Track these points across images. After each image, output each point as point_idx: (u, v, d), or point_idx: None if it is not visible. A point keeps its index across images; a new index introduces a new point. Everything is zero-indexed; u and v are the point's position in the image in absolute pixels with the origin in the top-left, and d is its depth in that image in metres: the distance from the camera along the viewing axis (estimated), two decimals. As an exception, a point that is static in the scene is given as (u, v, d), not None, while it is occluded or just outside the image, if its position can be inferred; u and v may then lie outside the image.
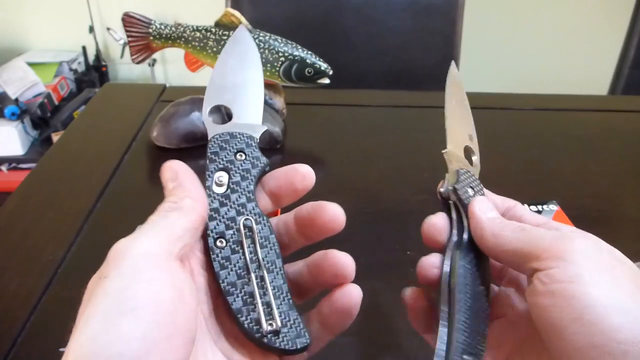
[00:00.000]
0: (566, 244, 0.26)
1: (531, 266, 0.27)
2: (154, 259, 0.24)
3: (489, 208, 0.32)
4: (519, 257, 0.28)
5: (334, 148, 0.73)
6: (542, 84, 1.95)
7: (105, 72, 2.08)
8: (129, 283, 0.23)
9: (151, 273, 0.23)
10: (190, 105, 0.71)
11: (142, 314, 0.22)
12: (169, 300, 0.23)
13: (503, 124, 0.80)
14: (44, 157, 0.71)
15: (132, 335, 0.21)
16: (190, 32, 0.68)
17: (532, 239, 0.28)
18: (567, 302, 0.24)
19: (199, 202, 0.28)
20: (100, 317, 0.22)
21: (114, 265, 0.24)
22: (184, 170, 0.30)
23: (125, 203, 0.61)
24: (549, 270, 0.26)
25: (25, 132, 1.80)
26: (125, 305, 0.22)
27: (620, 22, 1.30)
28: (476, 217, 0.31)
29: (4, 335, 0.44)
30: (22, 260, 0.52)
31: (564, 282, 0.25)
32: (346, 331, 0.27)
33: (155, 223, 0.26)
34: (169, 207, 0.27)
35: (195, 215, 0.27)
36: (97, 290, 0.23)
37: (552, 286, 0.25)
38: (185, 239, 0.26)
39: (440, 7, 1.16)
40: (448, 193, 0.32)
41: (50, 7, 2.01)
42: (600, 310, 0.23)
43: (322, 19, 1.17)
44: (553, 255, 0.26)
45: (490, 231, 0.30)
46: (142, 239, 0.25)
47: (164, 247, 0.25)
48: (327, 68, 0.67)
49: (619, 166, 0.70)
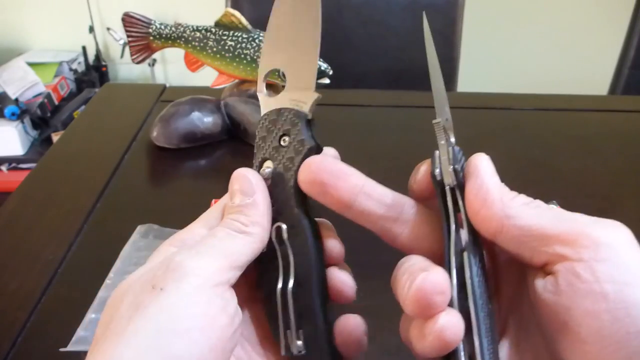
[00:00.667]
0: (610, 231, 0.21)
1: (558, 252, 0.21)
2: (213, 283, 0.23)
3: (494, 172, 0.25)
4: (536, 238, 0.22)
5: (334, 148, 0.73)
6: (542, 84, 1.95)
7: (105, 72, 2.08)
8: (186, 303, 0.22)
9: (209, 296, 0.23)
10: (190, 105, 0.71)
11: (196, 336, 0.21)
12: (222, 326, 0.22)
13: (503, 124, 0.80)
14: (44, 157, 0.71)
15: (181, 359, 0.21)
16: (190, 32, 0.68)
17: (559, 217, 0.22)
18: (627, 311, 0.19)
19: (266, 231, 0.26)
20: (152, 333, 0.21)
21: (171, 279, 0.22)
22: (261, 187, 0.27)
23: (125, 203, 0.61)
24: (593, 264, 0.20)
25: (25, 132, 1.80)
26: (180, 324, 0.21)
27: (620, 22, 1.30)
28: (480, 176, 0.24)
29: (4, 335, 0.44)
30: (22, 260, 0.52)
31: (618, 283, 0.19)
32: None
33: (221, 242, 0.25)
34: (239, 227, 0.25)
35: (260, 245, 0.26)
36: (149, 302, 0.22)
37: (603, 286, 0.19)
38: (244, 268, 0.25)
39: (440, 7, 1.16)
40: (442, 176, 0.25)
41: (50, 7, 2.01)
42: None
43: (322, 19, 1.16)
44: (596, 243, 0.20)
45: (498, 196, 0.23)
46: (205, 258, 0.24)
47: (224, 272, 0.24)
48: (327, 68, 0.67)
49: (619, 166, 0.70)
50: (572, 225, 0.21)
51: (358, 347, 0.26)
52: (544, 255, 0.22)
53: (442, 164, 0.25)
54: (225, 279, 0.24)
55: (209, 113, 0.71)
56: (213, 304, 0.23)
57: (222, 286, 0.24)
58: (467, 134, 0.77)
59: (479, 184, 0.24)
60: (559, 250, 0.21)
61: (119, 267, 0.49)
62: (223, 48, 0.67)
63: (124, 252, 0.51)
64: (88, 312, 0.45)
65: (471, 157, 0.25)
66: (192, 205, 0.59)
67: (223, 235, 0.25)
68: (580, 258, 0.20)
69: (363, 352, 0.27)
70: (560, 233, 0.21)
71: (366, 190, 0.26)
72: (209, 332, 0.22)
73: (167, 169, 0.68)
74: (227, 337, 0.23)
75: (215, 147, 0.71)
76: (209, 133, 0.70)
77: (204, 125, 0.70)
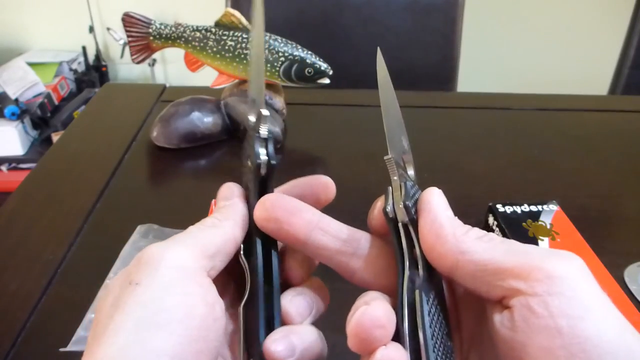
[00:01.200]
0: (562, 264, 0.21)
1: (512, 286, 0.21)
2: (189, 272, 0.23)
3: (447, 206, 0.25)
4: (491, 272, 0.22)
5: (334, 148, 0.73)
6: (542, 84, 1.95)
7: (105, 72, 2.08)
8: (163, 294, 0.22)
9: (185, 286, 0.23)
10: (190, 105, 0.71)
11: (176, 328, 0.21)
12: (202, 316, 0.22)
13: (503, 124, 0.80)
14: (44, 157, 0.71)
15: (163, 351, 0.21)
16: (190, 32, 0.68)
17: (512, 251, 0.22)
18: (581, 347, 0.19)
19: (239, 228, 0.27)
20: (131, 328, 0.21)
21: (146, 273, 0.23)
22: (239, 194, 0.28)
23: (125, 203, 0.61)
24: (546, 298, 0.20)
25: (25, 132, 1.80)
26: (158, 317, 0.21)
27: (620, 22, 1.30)
28: (433, 211, 0.24)
29: (4, 335, 0.44)
30: (22, 260, 0.52)
31: (572, 318, 0.19)
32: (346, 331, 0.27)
33: (192, 234, 0.25)
34: (211, 222, 0.26)
35: (230, 238, 0.26)
36: (127, 297, 0.22)
37: (557, 321, 0.19)
38: (217, 259, 0.25)
39: (440, 7, 1.16)
40: (395, 212, 0.25)
41: (50, 7, 2.01)
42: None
43: (322, 19, 1.17)
44: (549, 276, 0.20)
45: (451, 231, 0.23)
46: (177, 247, 0.24)
47: (198, 261, 0.24)
48: (327, 68, 0.67)
49: (619, 166, 0.70)
50: (525, 258, 0.21)
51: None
52: (500, 290, 0.21)
53: (395, 200, 0.25)
54: (199, 266, 0.24)
55: (209, 113, 0.71)
56: (190, 294, 0.23)
57: (198, 275, 0.24)
58: (467, 134, 0.77)
59: (432, 219, 0.24)
60: (514, 284, 0.21)
61: (119, 267, 0.49)
62: (223, 48, 0.67)
63: (124, 252, 0.51)
64: (88, 312, 0.45)
65: (423, 192, 0.25)
66: (192, 205, 0.59)
67: (194, 228, 0.26)
68: (534, 292, 0.20)
69: None
70: (514, 267, 0.21)
71: (321, 225, 0.26)
72: (188, 322, 0.22)
73: (167, 169, 0.68)
74: (207, 327, 0.22)
75: (215, 147, 0.71)
76: (209, 133, 0.70)
77: (204, 125, 0.70)
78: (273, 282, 0.27)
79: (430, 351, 0.22)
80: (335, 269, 0.27)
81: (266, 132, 0.28)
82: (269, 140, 0.28)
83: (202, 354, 0.22)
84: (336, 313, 0.38)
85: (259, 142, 0.28)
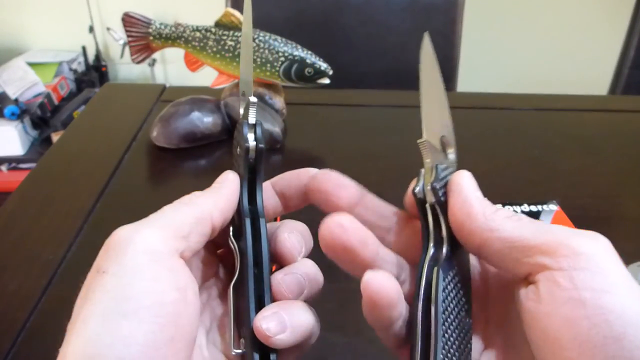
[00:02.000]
0: (588, 242, 0.21)
1: (539, 262, 0.21)
2: (158, 256, 0.23)
3: (477, 187, 0.25)
4: (519, 249, 0.22)
5: (334, 148, 0.73)
6: (542, 84, 1.95)
7: (105, 72, 2.08)
8: (130, 281, 0.21)
9: (154, 271, 0.22)
10: (190, 105, 0.71)
11: (144, 315, 0.21)
12: (172, 302, 0.22)
13: (503, 124, 0.80)
14: (44, 157, 0.71)
15: (133, 340, 0.20)
16: (190, 32, 0.68)
17: (540, 229, 0.22)
18: (604, 317, 0.19)
19: (218, 209, 0.26)
20: (99, 318, 0.21)
21: (113, 259, 0.22)
22: (234, 180, 0.28)
23: (125, 203, 0.61)
24: (572, 272, 0.20)
25: (25, 132, 1.80)
26: (126, 305, 0.21)
27: (620, 22, 1.30)
28: (463, 192, 0.24)
29: (4, 335, 0.44)
30: (22, 260, 0.52)
31: (596, 291, 0.20)
32: (346, 331, 0.27)
33: (165, 214, 0.25)
34: (187, 199, 0.26)
35: (206, 216, 0.25)
36: (95, 286, 0.22)
37: (581, 293, 0.20)
38: (191, 240, 0.25)
39: (440, 7, 1.16)
40: (424, 193, 0.26)
41: (50, 7, 2.01)
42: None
43: (322, 19, 1.17)
44: (575, 252, 0.21)
45: (480, 210, 0.24)
46: (146, 230, 0.23)
47: (169, 243, 0.23)
48: (327, 68, 0.67)
49: (619, 166, 0.70)
50: (552, 236, 0.22)
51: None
52: (527, 266, 0.22)
53: (425, 182, 0.26)
54: (170, 248, 0.23)
55: (208, 113, 0.71)
56: (159, 280, 0.22)
57: (169, 258, 0.23)
58: (467, 134, 0.77)
59: (462, 198, 0.24)
60: (540, 260, 0.21)
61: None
62: (223, 48, 0.67)
63: (124, 252, 0.51)
64: (88, 312, 0.45)
65: (453, 174, 0.26)
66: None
67: (167, 208, 0.25)
68: (559, 267, 0.21)
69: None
70: (541, 244, 0.22)
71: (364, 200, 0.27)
72: (158, 309, 0.21)
73: (167, 169, 0.68)
74: (179, 312, 0.22)
75: (215, 147, 0.71)
76: (209, 133, 0.70)
77: (203, 125, 0.70)
78: (263, 262, 0.27)
79: (440, 325, 0.23)
80: None
81: (254, 118, 0.28)
82: (257, 125, 0.28)
83: (175, 340, 0.22)
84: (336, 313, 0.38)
85: (248, 127, 0.28)
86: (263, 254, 0.27)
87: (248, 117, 0.28)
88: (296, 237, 0.28)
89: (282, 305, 0.25)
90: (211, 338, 0.27)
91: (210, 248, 0.29)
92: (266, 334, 0.24)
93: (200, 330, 0.26)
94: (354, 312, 0.27)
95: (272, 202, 0.30)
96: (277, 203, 0.30)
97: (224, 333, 0.27)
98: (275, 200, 0.30)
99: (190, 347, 0.23)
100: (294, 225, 0.29)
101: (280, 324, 0.24)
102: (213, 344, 0.27)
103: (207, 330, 0.27)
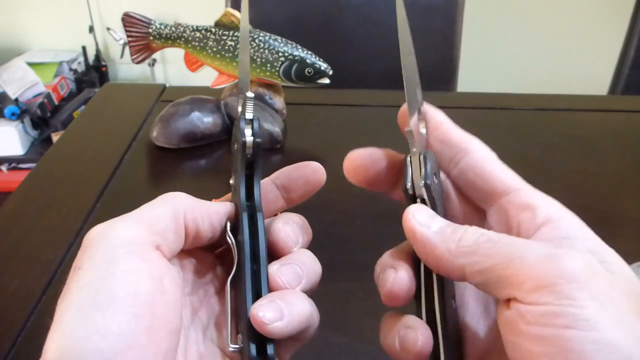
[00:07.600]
0: (557, 267, 0.20)
1: (508, 293, 0.21)
2: (131, 247, 0.23)
3: (430, 216, 0.24)
4: (490, 281, 0.22)
5: (334, 148, 0.73)
6: (542, 84, 1.95)
7: (105, 72, 2.08)
8: (103, 274, 0.22)
9: (127, 263, 0.22)
10: (190, 105, 0.71)
11: (119, 307, 0.21)
12: (147, 292, 0.22)
13: (503, 124, 0.80)
14: (44, 157, 0.71)
15: (108, 331, 0.20)
16: (190, 32, 0.68)
17: (508, 256, 0.21)
18: (565, 355, 0.19)
19: (193, 213, 0.26)
20: (75, 312, 0.21)
21: (88, 255, 0.23)
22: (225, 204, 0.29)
23: (125, 203, 0.61)
24: (537, 308, 0.20)
25: (25, 132, 1.80)
26: (100, 298, 0.21)
27: (620, 22, 1.30)
28: (418, 236, 0.23)
29: (4, 335, 0.44)
30: (22, 260, 0.52)
31: (557, 327, 0.19)
32: (346, 331, 0.27)
33: (141, 210, 0.25)
34: (168, 196, 0.26)
35: (179, 215, 0.25)
36: (71, 283, 0.22)
37: (544, 330, 0.19)
38: (168, 238, 0.24)
39: (440, 7, 1.16)
40: (414, 189, 0.25)
41: (50, 7, 2.01)
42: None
43: (322, 19, 1.17)
44: (540, 285, 0.20)
45: (445, 248, 0.23)
46: (118, 225, 0.23)
47: (142, 235, 0.23)
48: (327, 68, 0.67)
49: (619, 166, 0.70)
50: (520, 263, 0.21)
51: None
52: (501, 295, 0.22)
53: (414, 176, 0.25)
54: (144, 240, 0.23)
55: (209, 113, 0.71)
56: (133, 271, 0.22)
57: (143, 249, 0.23)
58: (467, 134, 0.77)
59: (417, 246, 0.24)
60: (512, 292, 0.21)
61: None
62: (223, 48, 0.67)
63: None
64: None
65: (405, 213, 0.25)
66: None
67: (145, 205, 0.25)
68: (527, 301, 0.20)
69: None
70: (510, 274, 0.21)
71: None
72: (132, 300, 0.21)
73: (167, 169, 0.68)
74: (154, 302, 0.22)
75: (215, 147, 0.71)
76: (209, 133, 0.70)
77: (203, 125, 0.70)
78: (260, 257, 0.26)
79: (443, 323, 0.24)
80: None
81: (251, 114, 0.28)
82: (254, 120, 0.28)
83: (154, 328, 0.22)
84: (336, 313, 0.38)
85: (245, 122, 0.28)
86: (261, 249, 0.27)
87: (245, 112, 0.28)
88: (291, 227, 0.28)
89: (279, 293, 0.25)
90: (209, 334, 0.27)
91: (207, 247, 0.29)
92: (262, 321, 0.23)
93: (197, 327, 0.26)
94: (354, 312, 0.27)
95: (273, 196, 0.30)
96: (278, 197, 0.30)
97: (222, 329, 0.27)
98: (276, 194, 0.30)
99: (173, 336, 0.23)
100: (289, 217, 0.28)
101: (276, 311, 0.24)
102: (211, 340, 0.27)
103: (205, 327, 0.27)
